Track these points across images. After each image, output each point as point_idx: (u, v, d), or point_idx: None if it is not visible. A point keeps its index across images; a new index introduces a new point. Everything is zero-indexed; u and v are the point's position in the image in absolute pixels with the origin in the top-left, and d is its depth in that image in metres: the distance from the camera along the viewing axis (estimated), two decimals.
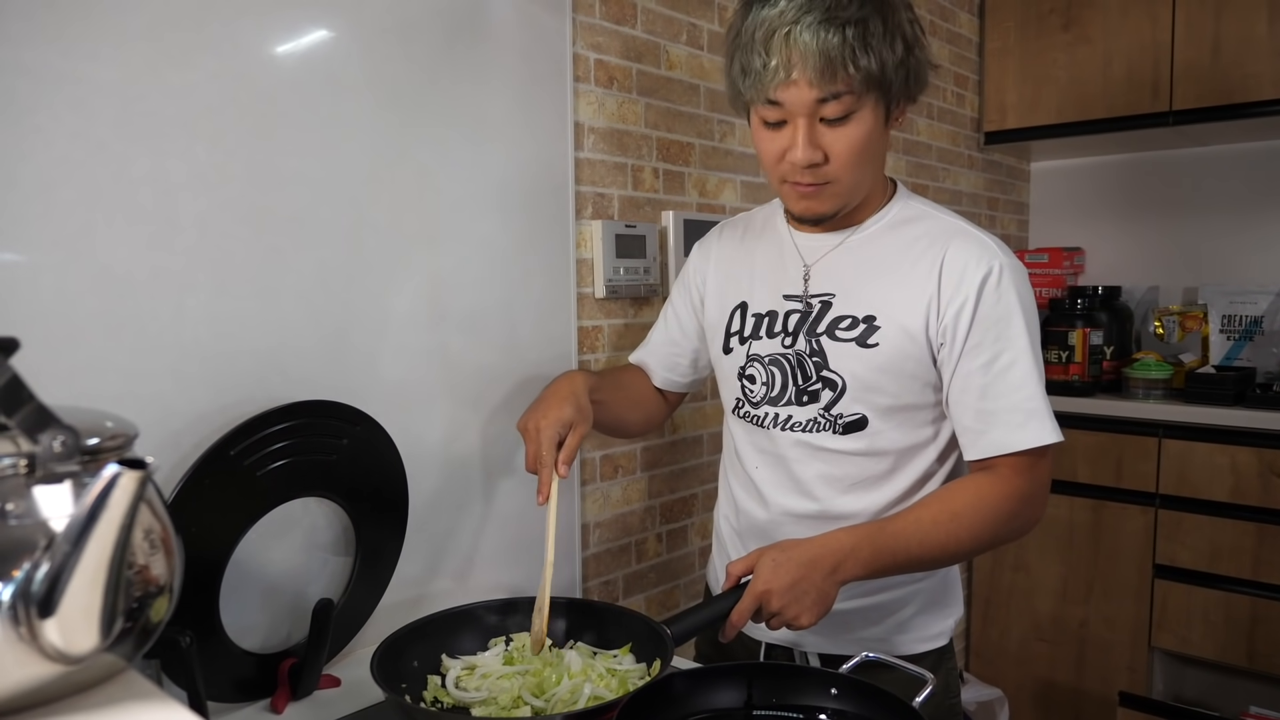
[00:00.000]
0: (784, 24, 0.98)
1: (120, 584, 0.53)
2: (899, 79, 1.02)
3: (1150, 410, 2.35)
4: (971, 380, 1.07)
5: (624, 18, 1.55)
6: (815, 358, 1.13)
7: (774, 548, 1.02)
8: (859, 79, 0.98)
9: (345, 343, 1.15)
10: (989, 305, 1.06)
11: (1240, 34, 2.30)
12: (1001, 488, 1.06)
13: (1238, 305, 2.50)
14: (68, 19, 0.89)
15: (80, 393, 0.89)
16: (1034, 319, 1.09)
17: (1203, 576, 2.28)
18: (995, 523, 1.06)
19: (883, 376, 1.10)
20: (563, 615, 1.09)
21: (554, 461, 1.07)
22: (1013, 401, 1.05)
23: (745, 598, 0.99)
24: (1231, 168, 2.69)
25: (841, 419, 1.13)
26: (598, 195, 1.52)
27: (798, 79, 0.99)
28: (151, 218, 0.96)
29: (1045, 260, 2.86)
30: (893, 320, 1.09)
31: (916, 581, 1.18)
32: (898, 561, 1.04)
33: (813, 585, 0.99)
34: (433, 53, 1.23)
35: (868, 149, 1.04)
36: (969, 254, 1.08)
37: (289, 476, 1.02)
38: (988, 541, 1.08)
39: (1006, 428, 1.05)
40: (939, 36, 2.53)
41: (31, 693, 0.54)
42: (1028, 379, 1.06)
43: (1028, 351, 1.06)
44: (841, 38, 0.96)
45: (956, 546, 1.05)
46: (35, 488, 0.55)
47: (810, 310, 1.15)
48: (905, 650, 1.18)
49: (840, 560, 1.00)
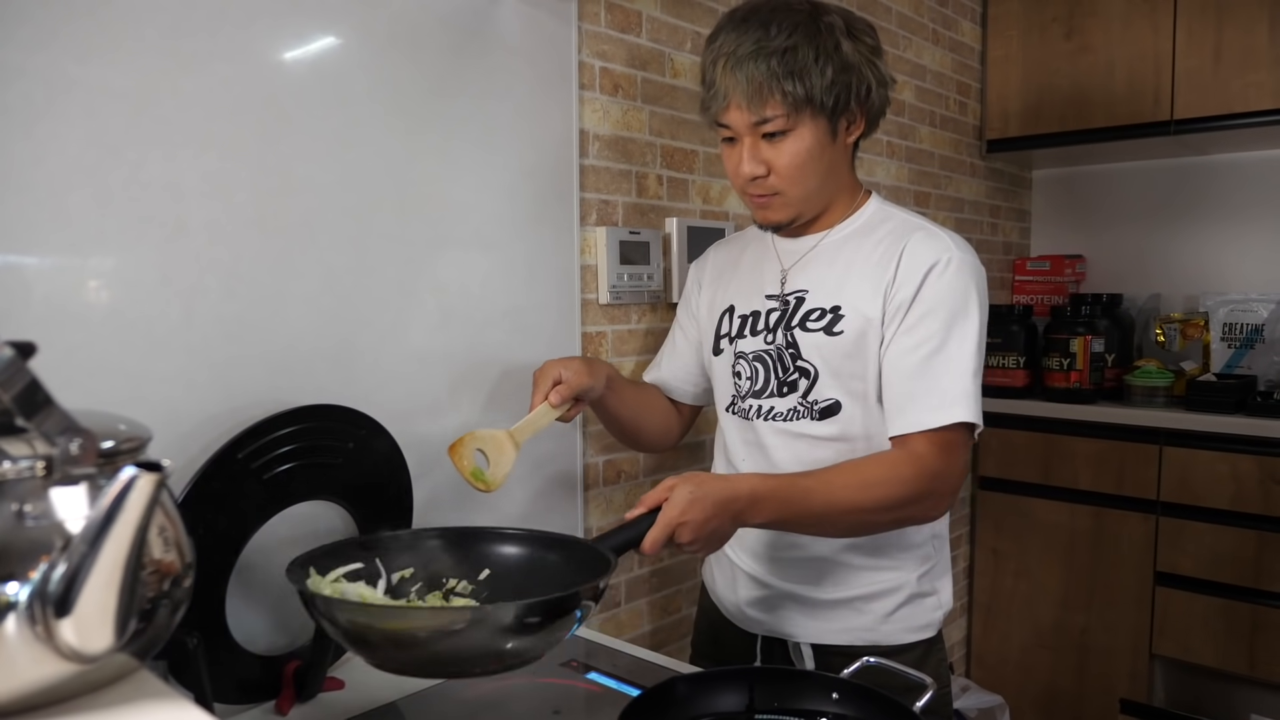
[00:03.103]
0: (723, 55, 1.11)
1: (135, 585, 0.54)
2: (832, 98, 1.10)
3: (1151, 418, 2.36)
4: (902, 359, 1.12)
5: (629, 26, 1.56)
6: (790, 349, 1.20)
7: (689, 481, 1.00)
8: (787, 102, 1.09)
9: (352, 348, 1.16)
10: (931, 289, 1.11)
11: (1241, 44, 2.31)
12: (915, 465, 1.09)
13: (1238, 313, 2.51)
14: (81, 26, 0.90)
15: (89, 395, 0.89)
16: (976, 309, 1.12)
17: (1204, 584, 2.28)
18: (903, 498, 1.08)
19: (849, 361, 1.16)
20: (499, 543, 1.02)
21: (546, 391, 1.16)
22: (939, 384, 1.10)
23: (659, 526, 0.97)
24: (1232, 176, 2.69)
25: (817, 405, 1.19)
26: (602, 202, 1.53)
27: (731, 105, 1.11)
28: (162, 223, 0.97)
29: (1047, 268, 2.87)
30: (855, 309, 1.16)
31: (905, 571, 1.21)
32: (800, 518, 1.06)
33: (720, 525, 1.00)
34: (440, 61, 1.24)
35: (809, 162, 1.13)
36: (925, 245, 1.14)
37: (296, 480, 1.03)
38: (891, 515, 1.10)
39: (926, 408, 1.10)
40: (942, 45, 2.54)
41: (47, 691, 0.55)
42: (957, 367, 1.10)
43: (962, 340, 1.11)
44: (768, 66, 1.08)
45: (859, 515, 1.08)
46: (52, 489, 0.56)
47: (786, 307, 1.22)
48: (895, 640, 1.21)
49: (747, 505, 1.01)
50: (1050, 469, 2.49)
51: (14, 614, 0.52)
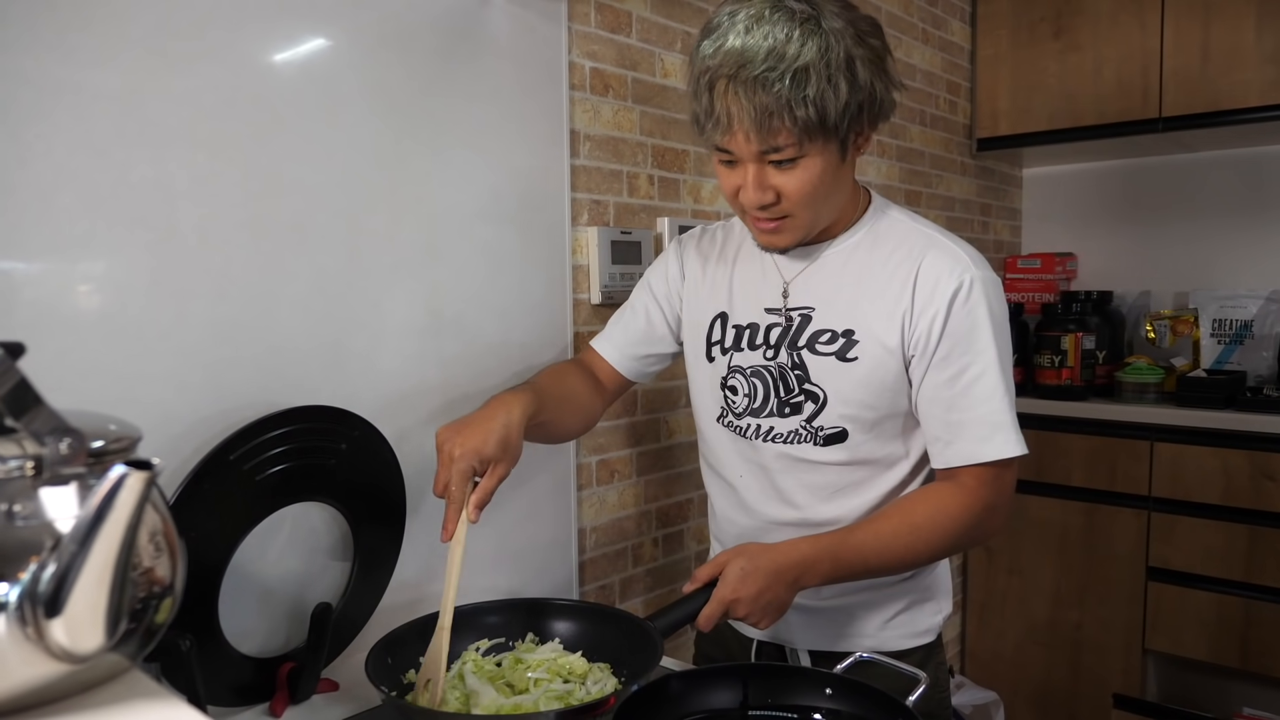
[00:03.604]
0: (722, 74, 0.97)
1: (126, 583, 0.53)
2: (846, 119, 1.00)
3: (1142, 414, 2.37)
4: (939, 392, 1.08)
5: (619, 26, 1.57)
6: (797, 370, 1.15)
7: (741, 555, 1.04)
8: (798, 131, 0.98)
9: (343, 348, 1.15)
10: (959, 318, 1.07)
11: (1228, 41, 2.33)
12: (964, 499, 1.08)
13: (1228, 310, 2.53)
14: (69, 27, 0.90)
15: (80, 397, 0.89)
16: (1004, 331, 1.10)
17: (1195, 579, 2.30)
18: (955, 534, 1.08)
19: (862, 390, 1.11)
20: (556, 617, 1.09)
21: (463, 500, 0.99)
22: (979, 414, 1.07)
23: (713, 604, 1.02)
24: (1221, 173, 2.71)
25: (823, 431, 1.14)
26: (593, 202, 1.53)
27: (736, 132, 0.99)
28: (151, 225, 0.97)
29: (1038, 265, 2.88)
30: (870, 334, 1.11)
31: (905, 580, 1.20)
32: (855, 573, 1.08)
33: (776, 596, 1.03)
34: (430, 62, 1.24)
35: (820, 187, 1.04)
36: (942, 266, 1.08)
37: (288, 481, 1.03)
38: (946, 551, 1.12)
39: (972, 440, 1.07)
40: (932, 44, 2.55)
41: (38, 691, 0.55)
42: (994, 392, 1.07)
43: (995, 364, 1.07)
44: (778, 90, 0.95)
45: (914, 558, 1.10)
46: (42, 489, 0.56)
47: (790, 324, 1.16)
48: (894, 646, 1.19)
49: (802, 572, 1.04)
50: (1042, 466, 2.50)
51: (4, 614, 0.52)
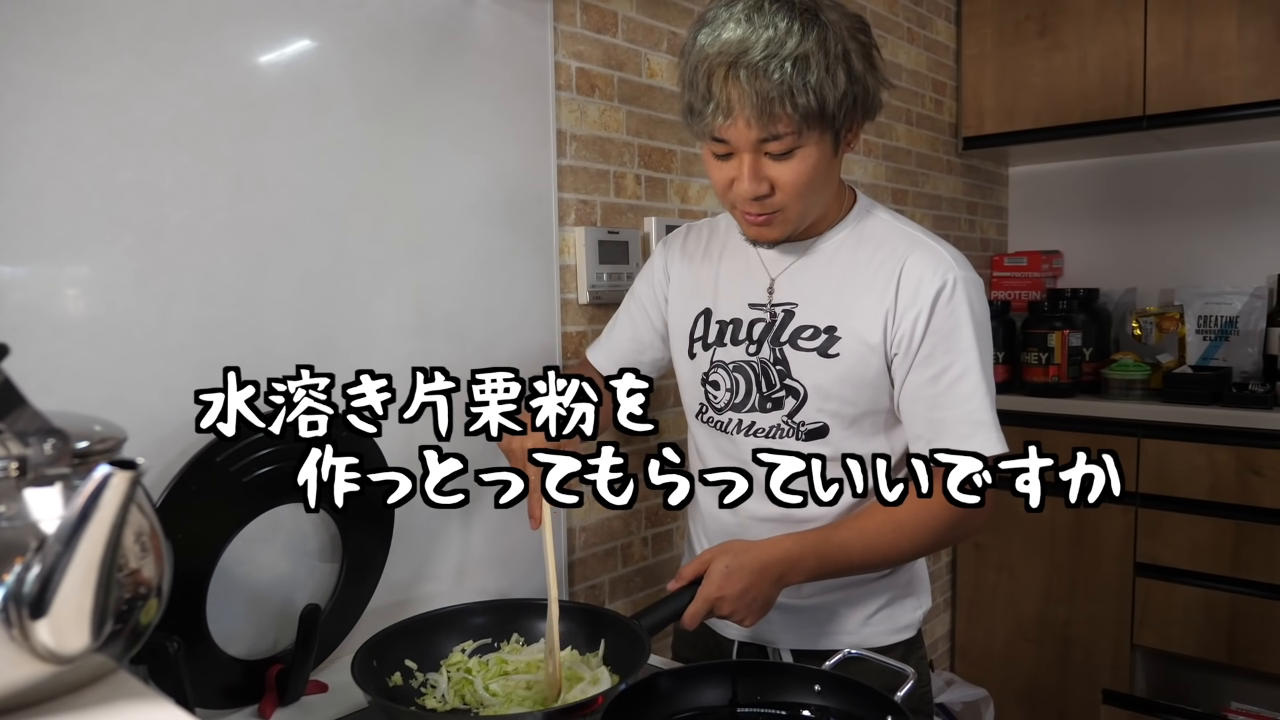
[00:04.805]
0: (722, 63, 0.97)
1: (111, 584, 0.53)
2: (843, 110, 1.01)
3: (1129, 410, 2.38)
4: (922, 391, 1.09)
5: (605, 26, 1.57)
6: (779, 366, 1.15)
7: (725, 553, 1.05)
8: (798, 118, 0.98)
9: (330, 350, 1.15)
10: (941, 318, 1.08)
11: (1211, 39, 2.34)
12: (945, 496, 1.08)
13: (1213, 306, 2.54)
14: (54, 30, 0.90)
15: (66, 399, 0.89)
16: (985, 332, 1.11)
17: (1183, 574, 2.31)
18: (937, 531, 1.10)
19: (843, 386, 1.12)
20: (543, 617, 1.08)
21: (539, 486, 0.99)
22: (961, 412, 1.08)
23: (698, 601, 1.02)
24: (1205, 171, 2.73)
25: (804, 426, 1.15)
26: (580, 202, 1.53)
27: (737, 119, 0.99)
28: (137, 226, 0.97)
29: (1024, 263, 2.90)
30: (852, 331, 1.11)
31: (885, 576, 1.21)
32: (840, 570, 1.10)
33: (760, 593, 1.04)
34: (416, 62, 1.24)
35: (815, 179, 1.05)
36: (925, 266, 1.09)
37: (275, 483, 1.02)
38: (931, 547, 1.13)
39: (954, 438, 1.07)
40: (917, 44, 2.56)
41: (24, 692, 0.55)
42: (976, 391, 1.08)
43: (977, 364, 1.08)
44: (780, 78, 0.96)
45: (898, 554, 1.12)
46: (26, 490, 0.55)
47: (774, 319, 1.16)
48: (876, 643, 1.20)
49: (786, 569, 1.05)
50: None
51: None
